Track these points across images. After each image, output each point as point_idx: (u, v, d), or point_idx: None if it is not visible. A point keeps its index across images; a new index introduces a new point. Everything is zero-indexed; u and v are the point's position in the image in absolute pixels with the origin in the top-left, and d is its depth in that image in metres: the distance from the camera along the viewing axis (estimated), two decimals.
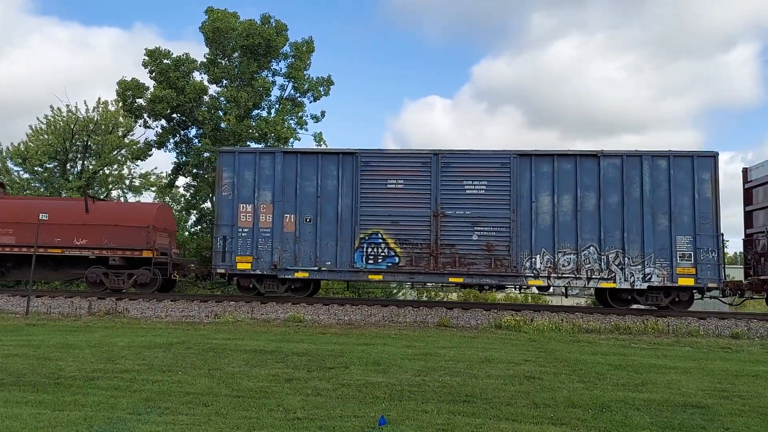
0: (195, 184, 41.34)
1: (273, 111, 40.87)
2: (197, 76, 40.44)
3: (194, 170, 40.68)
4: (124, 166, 44.29)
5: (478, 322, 22.28)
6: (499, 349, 15.62)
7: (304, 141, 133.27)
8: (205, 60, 40.32)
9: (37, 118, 46.56)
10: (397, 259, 23.44)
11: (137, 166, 44.33)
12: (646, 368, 13.30)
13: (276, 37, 38.96)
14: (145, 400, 9.32)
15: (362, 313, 23.06)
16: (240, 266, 23.97)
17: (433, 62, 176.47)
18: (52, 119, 41.66)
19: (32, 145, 41.11)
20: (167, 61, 39.16)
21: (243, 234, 23.98)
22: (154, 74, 39.03)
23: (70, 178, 40.46)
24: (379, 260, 23.55)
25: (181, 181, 42.76)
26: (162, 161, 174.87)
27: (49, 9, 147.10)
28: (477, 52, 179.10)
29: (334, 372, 11.93)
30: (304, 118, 41.58)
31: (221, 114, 39.28)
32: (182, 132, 41.21)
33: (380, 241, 23.52)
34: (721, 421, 8.90)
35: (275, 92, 41.36)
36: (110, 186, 43.35)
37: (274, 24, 39.66)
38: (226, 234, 23.98)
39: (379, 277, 23.97)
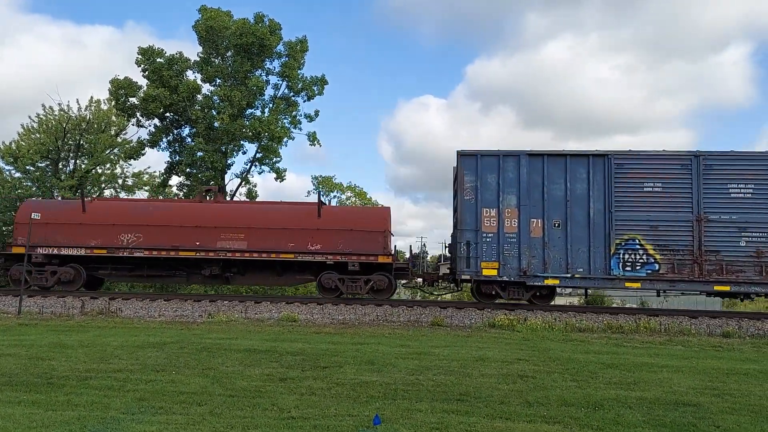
0: (188, 183, 41.28)
1: (267, 110, 40.89)
2: (190, 74, 40.53)
3: (188, 169, 40.65)
4: (117, 166, 44.20)
5: (471, 321, 22.31)
6: (492, 348, 15.65)
7: (298, 140, 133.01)
8: (198, 59, 40.33)
9: (29, 117, 46.52)
10: (657, 266, 22.62)
11: (130, 165, 44.26)
12: (639, 367, 13.36)
13: (269, 36, 38.99)
14: (139, 399, 9.31)
15: (356, 312, 23.06)
16: (486, 272, 23.31)
17: (428, 62, 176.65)
18: (44, 118, 41.54)
19: (24, 144, 40.94)
20: (160, 60, 39.18)
21: (487, 239, 23.31)
22: (147, 73, 39.03)
23: (63, 177, 40.36)
24: (638, 267, 22.67)
25: (175, 180, 42.76)
26: (155, 160, 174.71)
27: (41, 7, 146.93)
28: (471, 51, 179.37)
29: (328, 371, 11.93)
30: (297, 117, 41.68)
31: (215, 113, 39.25)
32: (175, 131, 41.22)
33: (638, 247, 22.74)
34: (713, 419, 8.94)
35: (269, 91, 41.52)
36: (103, 185, 43.23)
37: (267, 23, 39.69)
38: (470, 239, 23.36)
39: (637, 285, 22.93)
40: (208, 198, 27.68)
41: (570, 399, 9.93)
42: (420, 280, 27.64)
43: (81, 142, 41.48)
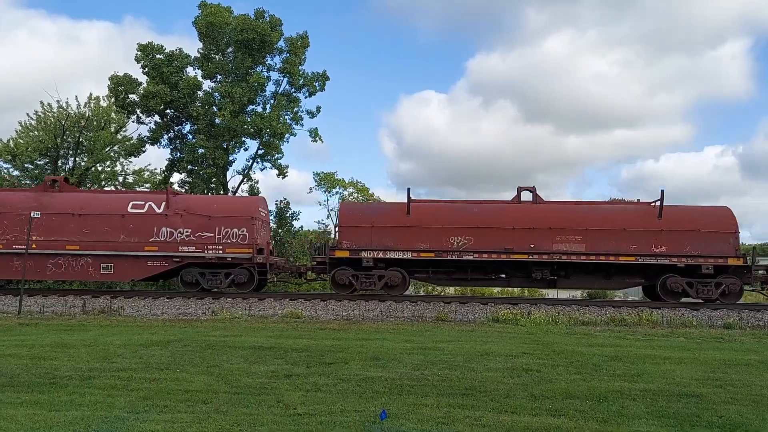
0: (190, 180, 41.22)
1: (268, 106, 40.79)
2: (191, 71, 40.41)
3: (189, 166, 40.59)
4: (117, 163, 44.06)
5: (475, 315, 22.30)
6: (497, 343, 15.66)
7: (300, 137, 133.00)
8: (198, 55, 40.24)
9: (27, 114, 46.27)
10: None
11: (130, 162, 44.04)
12: (642, 359, 13.41)
13: (270, 32, 38.89)
14: (143, 398, 9.29)
15: (360, 308, 23.05)
16: None
17: (428, 57, 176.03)
18: (42, 115, 41.33)
19: (22, 141, 40.71)
20: (160, 56, 39.10)
21: None
22: (146, 69, 38.95)
23: (62, 174, 40.27)
24: None
25: (176, 177, 42.68)
26: (156, 157, 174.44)
27: (36, 2, 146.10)
28: (472, 46, 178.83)
29: (333, 367, 11.93)
30: (299, 113, 41.58)
31: (216, 110, 39.18)
32: (176, 128, 41.14)
33: None
34: (715, 409, 8.99)
35: (270, 88, 41.37)
36: (103, 183, 43.12)
37: (268, 19, 39.58)
38: None
39: None
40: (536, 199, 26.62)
41: (574, 392, 9.95)
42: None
43: (80, 140, 41.30)
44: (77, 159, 41.82)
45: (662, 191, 24.39)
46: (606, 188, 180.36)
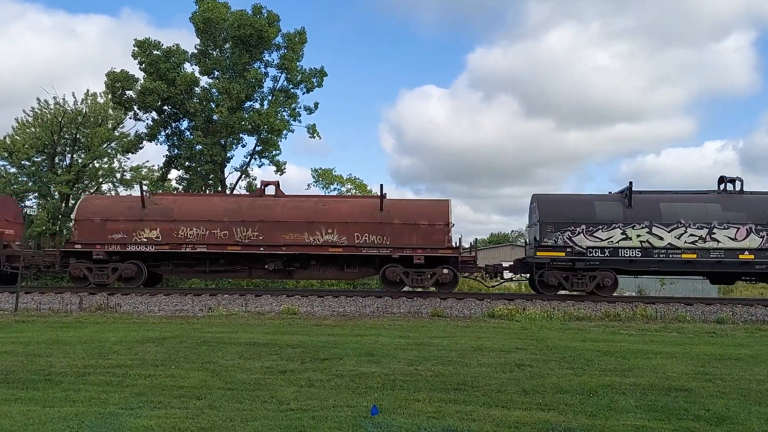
0: (188, 177, 41.24)
1: (266, 103, 40.78)
2: (188, 67, 40.38)
3: (186, 163, 40.60)
4: (115, 160, 44.05)
5: (471, 311, 22.41)
6: (491, 338, 15.76)
7: (298, 133, 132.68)
8: (196, 51, 40.19)
9: (24, 111, 46.27)
10: None
11: (128, 159, 44.03)
12: (634, 354, 13.51)
13: (268, 27, 38.83)
14: (138, 394, 9.36)
15: (357, 304, 23.14)
16: None
17: (429, 51, 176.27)
18: (39, 112, 41.32)
19: (18, 138, 40.69)
20: (157, 52, 39.06)
21: None
22: (143, 65, 38.91)
23: (59, 171, 40.27)
24: None
25: (174, 174, 42.70)
26: (153, 154, 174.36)
27: None
28: (472, 40, 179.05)
29: (327, 363, 12.00)
30: (297, 109, 41.57)
31: (213, 106, 39.20)
32: (173, 124, 41.13)
33: None
34: (703, 403, 9.09)
35: (268, 84, 41.35)
36: (101, 180, 43.14)
37: (265, 14, 39.52)
38: None
39: None
40: None
41: (565, 386, 10.04)
42: None
43: (77, 136, 41.30)
44: (74, 156, 41.83)
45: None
46: (606, 183, 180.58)
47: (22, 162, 40.56)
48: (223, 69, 39.70)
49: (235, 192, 41.69)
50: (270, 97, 40.96)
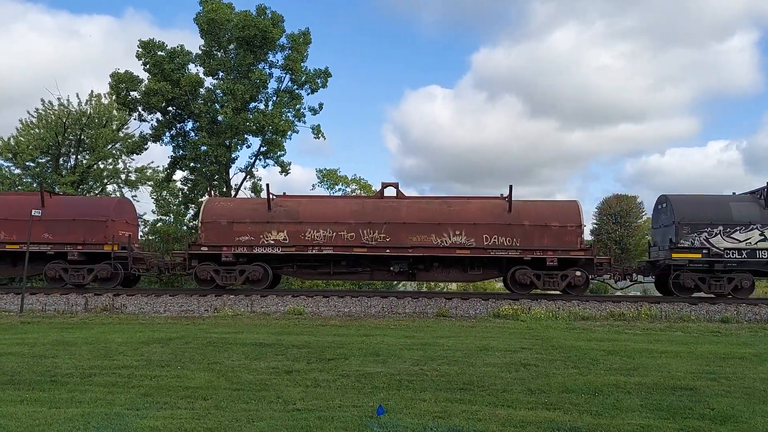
0: (192, 177, 41.29)
1: (270, 103, 40.80)
2: (192, 68, 40.40)
3: (191, 164, 40.63)
4: (119, 161, 44.12)
5: (476, 311, 22.41)
6: (496, 338, 15.76)
7: (302, 134, 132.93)
8: (200, 52, 40.21)
9: (28, 112, 46.35)
10: None
11: (132, 160, 44.11)
12: (639, 353, 13.52)
13: (272, 28, 38.84)
14: (143, 395, 9.38)
15: (362, 304, 23.15)
16: None
17: (433, 51, 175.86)
18: (43, 113, 41.41)
19: (23, 139, 40.78)
20: (161, 53, 39.09)
21: None
22: (148, 66, 38.95)
23: (63, 173, 40.37)
24: None
25: (178, 175, 42.74)
26: (158, 155, 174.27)
27: None
28: (476, 40, 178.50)
29: (333, 363, 12.01)
30: (301, 110, 41.54)
31: (218, 107, 39.22)
32: (178, 125, 41.16)
33: None
34: (708, 402, 9.09)
35: (272, 84, 41.38)
36: (105, 181, 43.25)
37: (270, 15, 39.53)
38: None
39: None
40: None
41: (571, 386, 10.04)
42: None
43: (82, 137, 41.40)
44: (79, 157, 41.93)
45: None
46: (611, 183, 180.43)
47: (27, 163, 40.64)
48: (228, 70, 39.72)
49: (239, 192, 41.80)
50: (274, 98, 40.96)
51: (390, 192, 26.66)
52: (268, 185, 26.15)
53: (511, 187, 25.18)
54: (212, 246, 25.25)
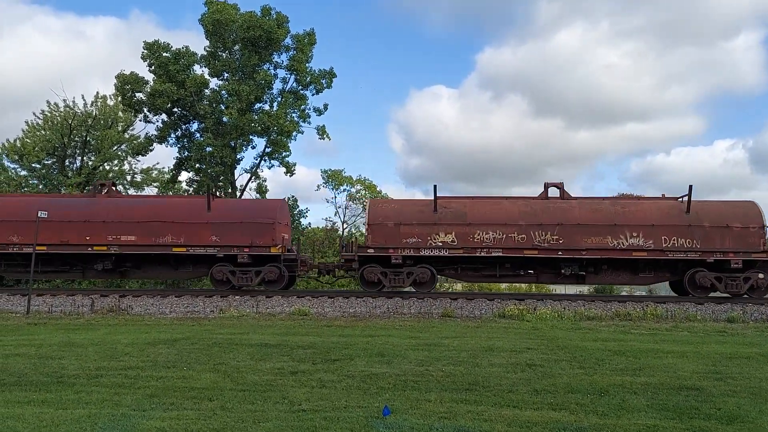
0: (198, 179, 41.33)
1: (275, 104, 40.83)
2: (198, 69, 40.46)
3: (197, 165, 40.66)
4: (125, 162, 44.20)
5: (481, 311, 22.41)
6: (502, 338, 15.75)
7: (307, 134, 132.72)
8: (205, 53, 40.27)
9: (33, 113, 46.45)
10: None
11: (138, 161, 44.20)
12: (644, 353, 13.50)
13: (277, 29, 38.88)
14: (150, 396, 9.40)
15: (367, 305, 23.15)
16: None
17: (438, 51, 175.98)
18: (49, 114, 41.51)
19: (29, 141, 40.89)
20: (166, 55, 39.15)
21: None
22: (153, 68, 39.01)
23: (69, 174, 40.45)
24: None
25: (184, 176, 42.81)
26: (164, 156, 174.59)
27: None
28: (481, 39, 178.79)
29: (338, 364, 12.02)
30: (306, 111, 41.59)
31: (223, 108, 39.25)
32: (184, 126, 41.21)
33: None
34: (714, 402, 9.09)
35: (277, 85, 41.42)
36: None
37: (274, 16, 39.56)
38: None
39: None
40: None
41: (576, 386, 10.04)
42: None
43: (87, 139, 41.49)
44: (84, 158, 41.98)
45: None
46: (616, 182, 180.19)
47: (33, 165, 40.73)
48: (233, 71, 39.76)
49: (245, 193, 41.86)
50: (279, 99, 41.01)
51: (553, 192, 26.10)
52: (435, 186, 25.59)
53: (691, 187, 24.64)
54: (379, 248, 24.92)
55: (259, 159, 42.42)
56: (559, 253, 24.40)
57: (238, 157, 41.30)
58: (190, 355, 12.95)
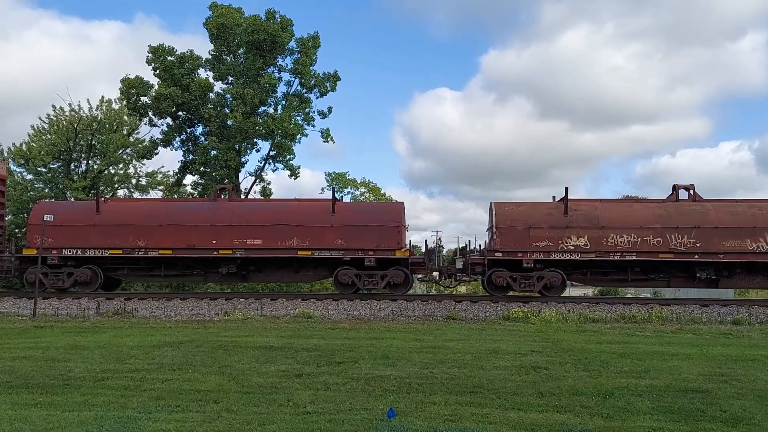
0: (203, 182, 41.38)
1: (279, 107, 40.89)
2: (202, 73, 40.52)
3: (201, 168, 40.71)
4: (130, 165, 44.24)
5: (486, 314, 22.37)
6: (506, 341, 15.73)
7: (312, 137, 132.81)
8: (209, 57, 40.34)
9: (39, 118, 46.52)
10: None
11: (143, 164, 44.22)
12: (650, 355, 13.47)
13: (281, 32, 38.93)
14: (155, 398, 9.43)
15: (371, 307, 23.14)
16: None
17: (443, 53, 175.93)
18: (55, 118, 41.53)
19: (35, 145, 40.88)
20: (171, 59, 39.20)
21: None
22: (158, 72, 39.07)
23: (75, 178, 40.46)
24: None
25: (189, 179, 42.85)
26: (168, 159, 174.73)
27: (48, 2, 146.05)
28: (486, 42, 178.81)
29: (343, 366, 12.04)
30: (311, 114, 41.65)
31: (227, 111, 39.30)
32: (188, 130, 41.26)
33: None
34: (719, 404, 9.09)
35: (281, 88, 41.50)
36: (116, 186, 43.35)
37: (279, 19, 39.62)
38: None
39: None
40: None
41: (581, 388, 10.04)
42: (436, 274, 27.42)
43: (93, 143, 41.50)
44: (90, 162, 42.03)
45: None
46: (621, 185, 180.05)
47: (39, 169, 40.76)
48: (237, 74, 39.81)
49: (250, 195, 41.88)
50: (284, 102, 41.08)
51: (683, 195, 25.80)
52: (566, 189, 25.31)
53: None
54: (508, 252, 24.72)
55: (263, 162, 42.53)
56: (696, 256, 24.13)
57: (243, 160, 41.32)
58: (196, 358, 12.98)
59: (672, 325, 19.98)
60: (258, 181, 42.89)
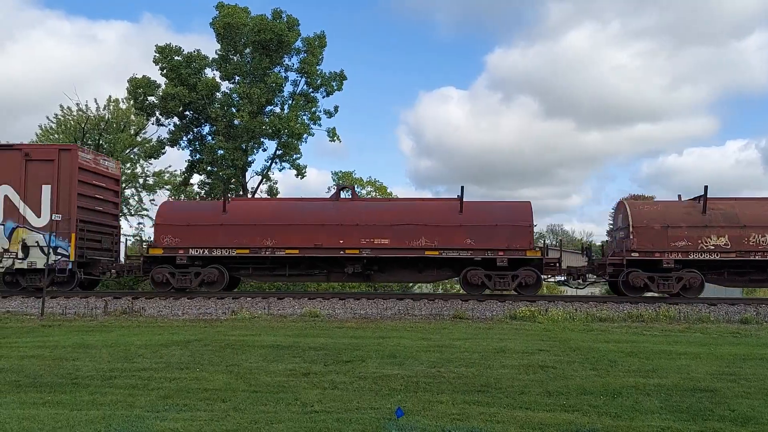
0: (209, 181, 41.44)
1: (286, 107, 40.91)
2: (209, 72, 40.54)
3: (208, 167, 40.75)
4: (137, 165, 44.36)
5: (493, 313, 22.35)
6: (513, 340, 15.73)
7: (318, 137, 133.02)
8: (216, 56, 40.39)
9: (47, 117, 46.72)
10: None
11: (150, 164, 44.35)
12: (658, 354, 13.45)
13: (288, 32, 38.93)
14: (163, 397, 9.45)
15: (378, 306, 23.15)
16: None
17: (448, 52, 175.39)
18: (62, 118, 41.70)
19: None
20: (178, 58, 39.23)
21: None
22: (165, 71, 39.13)
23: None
24: None
25: (196, 178, 42.90)
26: (176, 159, 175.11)
27: (55, 3, 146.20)
28: (491, 40, 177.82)
29: (350, 365, 12.04)
30: (317, 113, 41.67)
31: (234, 111, 39.34)
32: (195, 129, 41.30)
33: None
34: (728, 404, 9.06)
35: (288, 88, 41.46)
36: (124, 185, 43.48)
37: (285, 19, 39.63)
38: None
39: None
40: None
41: (589, 388, 10.02)
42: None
43: (100, 142, 41.64)
44: None
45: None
46: (627, 184, 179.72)
47: None
48: (244, 74, 39.83)
49: (256, 194, 41.92)
50: (290, 102, 41.08)
51: None
52: (706, 187, 24.88)
53: None
54: (645, 252, 24.44)
55: (270, 161, 42.50)
56: None
57: (250, 159, 41.33)
58: (203, 357, 12.99)
59: (680, 324, 19.96)
60: (265, 180, 42.94)
